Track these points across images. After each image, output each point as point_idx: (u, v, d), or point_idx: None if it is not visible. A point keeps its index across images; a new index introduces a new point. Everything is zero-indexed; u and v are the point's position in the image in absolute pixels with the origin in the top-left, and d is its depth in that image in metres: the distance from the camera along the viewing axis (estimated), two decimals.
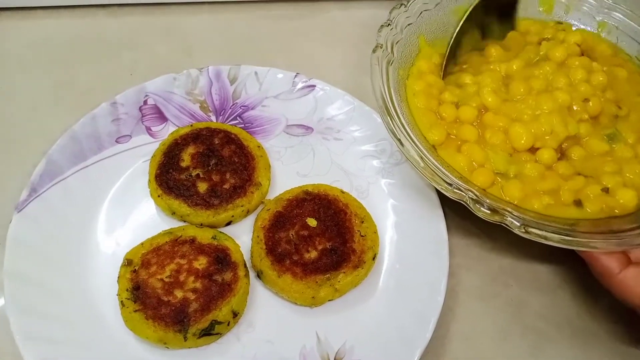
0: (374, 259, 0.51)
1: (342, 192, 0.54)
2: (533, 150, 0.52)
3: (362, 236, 0.51)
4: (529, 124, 0.52)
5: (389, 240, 0.54)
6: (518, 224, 0.45)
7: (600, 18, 0.61)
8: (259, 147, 0.57)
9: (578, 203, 0.50)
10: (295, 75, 0.61)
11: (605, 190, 0.50)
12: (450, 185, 0.47)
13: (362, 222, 0.52)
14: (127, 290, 0.47)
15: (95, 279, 0.50)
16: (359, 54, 0.69)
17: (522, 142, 0.51)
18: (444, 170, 0.48)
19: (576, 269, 0.55)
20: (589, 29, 0.62)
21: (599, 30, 0.61)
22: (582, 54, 0.57)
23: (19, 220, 0.50)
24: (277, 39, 0.71)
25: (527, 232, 0.45)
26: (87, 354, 0.46)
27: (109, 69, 0.66)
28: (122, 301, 0.47)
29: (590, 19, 0.61)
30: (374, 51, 0.53)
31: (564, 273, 0.55)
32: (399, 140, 0.49)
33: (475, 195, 0.46)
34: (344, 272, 0.49)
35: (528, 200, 0.50)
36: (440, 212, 0.53)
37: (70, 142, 0.55)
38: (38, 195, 0.52)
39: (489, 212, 0.46)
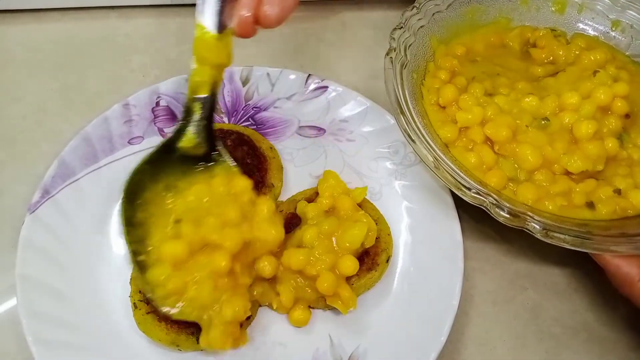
0: (387, 261, 0.50)
1: None
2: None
3: (375, 238, 0.51)
4: (542, 147, 0.51)
5: (402, 243, 0.53)
6: (539, 229, 0.44)
7: (614, 17, 0.60)
8: (271, 148, 0.57)
9: (590, 205, 0.49)
10: (308, 77, 0.61)
11: (617, 191, 0.49)
12: (470, 189, 0.46)
13: (376, 224, 0.52)
14: (139, 292, 0.47)
15: (108, 281, 0.50)
16: (370, 55, 0.69)
17: (529, 163, 0.50)
18: (462, 174, 0.47)
19: (593, 274, 0.54)
20: (602, 28, 0.61)
21: (613, 29, 0.60)
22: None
23: (31, 222, 0.50)
24: (287, 40, 0.70)
25: (549, 236, 0.44)
26: (99, 357, 0.46)
27: (120, 72, 0.66)
28: (134, 303, 0.47)
29: (604, 17, 0.61)
30: (387, 54, 0.53)
31: (581, 277, 0.54)
32: (415, 143, 0.49)
33: (495, 200, 0.46)
34: (358, 275, 0.49)
35: (541, 202, 0.49)
36: (455, 214, 0.52)
37: (82, 144, 0.55)
38: (50, 197, 0.52)
39: (509, 217, 0.45)
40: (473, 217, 0.56)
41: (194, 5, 0.72)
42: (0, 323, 0.49)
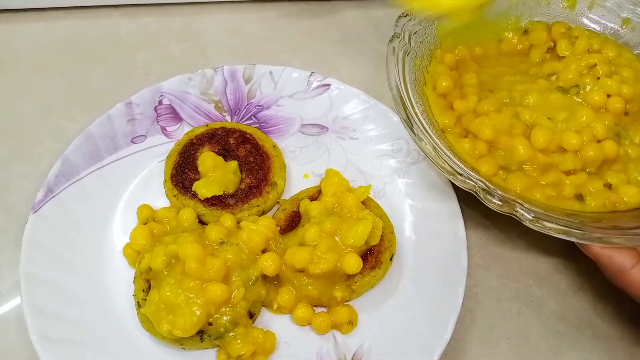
0: (391, 259, 0.50)
1: None
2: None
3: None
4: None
5: (406, 241, 0.53)
6: (529, 217, 0.44)
7: (625, 14, 0.60)
8: (274, 146, 0.56)
9: (579, 197, 0.49)
10: (310, 74, 0.61)
11: (608, 186, 0.49)
12: (461, 175, 0.46)
13: None
14: (143, 290, 0.47)
15: (111, 280, 0.50)
16: (372, 53, 0.69)
17: (521, 155, 0.50)
18: (455, 159, 0.47)
19: (597, 271, 0.53)
20: (612, 25, 0.60)
21: (623, 26, 0.60)
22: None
23: (35, 220, 0.50)
24: (290, 38, 0.70)
25: (539, 225, 0.44)
26: (103, 355, 0.46)
27: (124, 70, 0.66)
28: (138, 302, 0.47)
29: (614, 15, 0.60)
30: (390, 41, 0.53)
31: (585, 274, 0.54)
32: (411, 128, 0.49)
33: (486, 185, 0.46)
34: (361, 273, 0.48)
35: (530, 191, 0.49)
36: (458, 212, 0.52)
37: (85, 143, 0.55)
38: (54, 196, 0.52)
39: (500, 203, 0.45)
40: (478, 212, 0.56)
41: (196, 3, 0.73)
42: (5, 321, 0.50)
